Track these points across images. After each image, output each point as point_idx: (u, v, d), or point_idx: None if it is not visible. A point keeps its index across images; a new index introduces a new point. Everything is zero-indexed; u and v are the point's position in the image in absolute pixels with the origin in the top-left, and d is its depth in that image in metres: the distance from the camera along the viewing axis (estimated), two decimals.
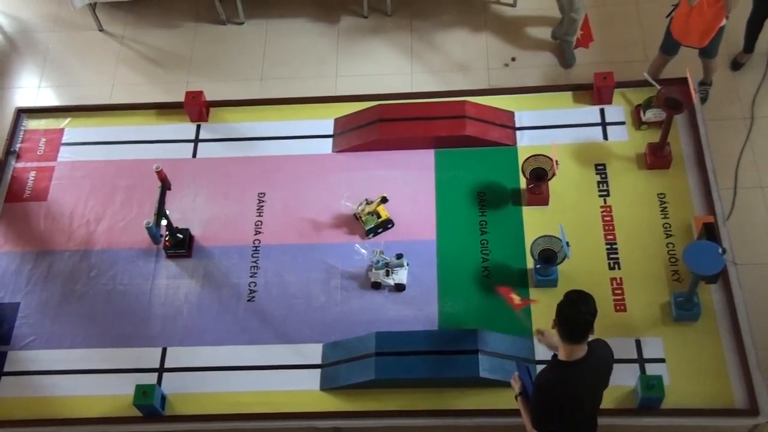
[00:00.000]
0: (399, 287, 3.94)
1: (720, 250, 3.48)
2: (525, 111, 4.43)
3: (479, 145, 4.30)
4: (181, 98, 4.55)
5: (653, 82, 4.24)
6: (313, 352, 3.83)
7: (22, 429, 3.77)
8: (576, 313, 2.93)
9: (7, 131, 4.64)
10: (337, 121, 4.50)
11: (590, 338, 3.02)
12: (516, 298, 3.60)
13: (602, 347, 3.14)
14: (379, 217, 4.08)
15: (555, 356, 3.10)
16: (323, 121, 4.51)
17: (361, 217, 4.11)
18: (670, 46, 4.90)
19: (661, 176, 4.16)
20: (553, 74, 5.60)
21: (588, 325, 2.95)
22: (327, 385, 3.74)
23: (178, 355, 3.88)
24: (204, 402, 3.76)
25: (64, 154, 4.53)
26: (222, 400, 3.75)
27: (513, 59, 5.62)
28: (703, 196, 4.07)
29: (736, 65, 5.46)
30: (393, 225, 4.10)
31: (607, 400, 3.59)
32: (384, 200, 4.06)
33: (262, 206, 4.26)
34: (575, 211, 4.09)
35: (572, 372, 3.00)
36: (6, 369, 3.91)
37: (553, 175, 3.99)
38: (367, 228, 4.08)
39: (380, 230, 4.10)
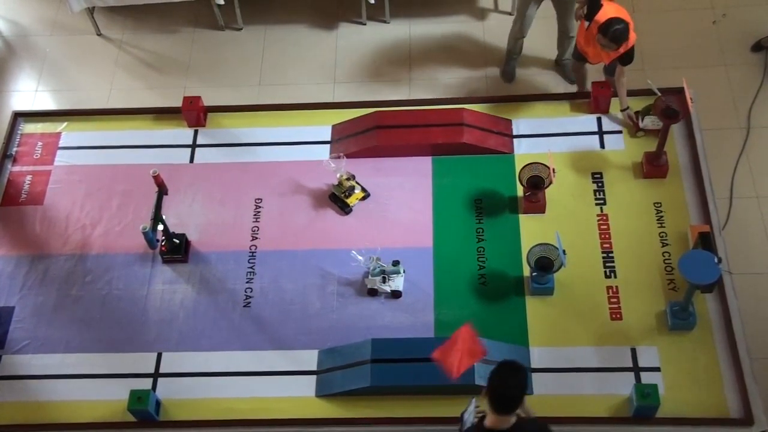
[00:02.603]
0: (395, 294, 3.94)
1: (715, 260, 3.48)
2: (522, 119, 4.45)
3: (476, 153, 4.31)
4: (178, 103, 4.56)
5: (656, 90, 4.24)
6: (309, 359, 3.82)
7: None
8: (503, 387, 2.89)
9: (4, 135, 4.63)
10: (334, 127, 4.50)
11: (524, 414, 2.98)
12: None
13: (534, 429, 3.06)
14: (346, 196, 4.18)
15: (483, 418, 3.01)
16: (321, 127, 4.51)
17: (337, 182, 4.20)
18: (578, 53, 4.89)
19: (657, 185, 4.17)
20: (551, 83, 5.62)
21: (515, 400, 2.90)
22: (322, 392, 3.73)
23: (173, 361, 3.87)
24: (199, 408, 3.75)
25: (61, 158, 4.52)
26: (217, 406, 3.74)
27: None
28: (699, 205, 4.08)
29: (758, 47, 5.49)
30: (348, 212, 4.18)
31: (602, 409, 3.61)
32: (353, 189, 4.17)
33: (259, 212, 4.26)
34: (572, 219, 4.10)
35: None
36: (0, 373, 3.89)
37: (550, 183, 4.00)
38: (332, 191, 4.22)
39: (338, 204, 4.21)
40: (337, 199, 4.20)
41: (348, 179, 4.19)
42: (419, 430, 3.68)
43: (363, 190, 4.21)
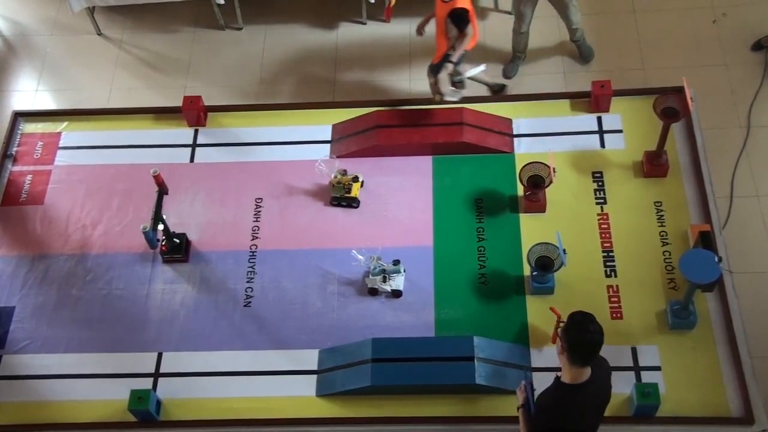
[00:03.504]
0: (396, 293, 3.94)
1: (716, 259, 3.48)
2: (523, 118, 4.44)
3: (477, 152, 4.31)
4: (179, 103, 4.55)
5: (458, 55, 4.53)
6: (310, 358, 3.82)
7: None
8: (587, 334, 2.93)
9: (4, 135, 4.63)
10: (335, 127, 4.50)
11: None
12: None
13: (601, 366, 3.13)
14: (347, 192, 4.17)
15: (558, 378, 3.08)
16: (321, 126, 4.51)
17: (332, 183, 4.20)
18: None
19: (657, 184, 4.17)
20: (551, 82, 5.62)
21: (599, 346, 2.95)
22: (323, 392, 3.73)
23: (173, 360, 3.87)
24: (199, 407, 3.75)
25: (61, 158, 4.52)
26: (218, 406, 3.74)
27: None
28: (700, 204, 4.08)
29: (758, 47, 5.49)
30: (358, 205, 4.18)
31: None
32: (356, 179, 4.18)
33: (260, 211, 4.26)
34: (572, 218, 4.10)
35: (576, 395, 3.00)
36: (0, 373, 3.89)
37: (551, 182, 3.99)
38: (332, 195, 4.20)
39: (344, 204, 4.19)
40: (341, 200, 4.19)
41: (344, 175, 4.20)
42: (420, 430, 3.68)
43: (354, 178, 4.21)
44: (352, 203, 4.19)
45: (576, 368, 2.98)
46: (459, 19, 4.52)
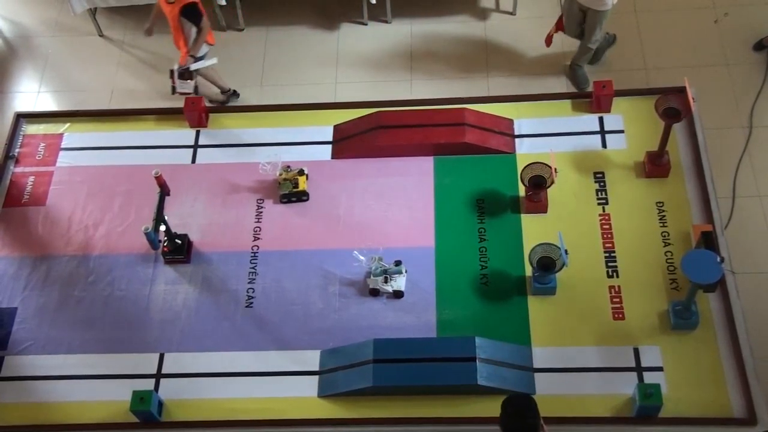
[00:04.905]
0: (397, 294, 3.94)
1: (718, 259, 3.48)
2: (524, 119, 4.44)
3: (478, 153, 4.31)
4: (180, 104, 4.56)
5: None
6: (311, 359, 3.82)
7: None
8: (520, 420, 2.89)
9: (6, 136, 4.63)
10: (336, 127, 4.50)
11: None
12: None
13: None
14: (295, 186, 4.17)
15: None
16: (323, 127, 4.51)
17: (279, 181, 4.22)
18: None
19: (659, 185, 4.17)
20: (552, 82, 5.62)
21: (534, 429, 2.90)
22: (324, 392, 3.74)
23: (175, 361, 3.87)
24: (201, 408, 3.75)
25: (63, 159, 4.53)
26: (219, 407, 3.74)
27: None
28: (702, 204, 4.08)
29: (759, 47, 5.49)
30: (308, 198, 4.20)
31: (605, 409, 3.61)
32: (301, 172, 4.20)
33: (261, 212, 4.27)
34: (574, 219, 4.10)
35: None
36: (3, 374, 3.90)
37: (552, 183, 3.99)
38: (280, 193, 4.21)
39: (294, 199, 4.20)
40: (291, 195, 4.20)
41: (288, 170, 4.22)
42: (421, 431, 3.68)
43: (300, 171, 4.23)
44: (302, 197, 4.20)
45: None
46: (192, 14, 4.75)
